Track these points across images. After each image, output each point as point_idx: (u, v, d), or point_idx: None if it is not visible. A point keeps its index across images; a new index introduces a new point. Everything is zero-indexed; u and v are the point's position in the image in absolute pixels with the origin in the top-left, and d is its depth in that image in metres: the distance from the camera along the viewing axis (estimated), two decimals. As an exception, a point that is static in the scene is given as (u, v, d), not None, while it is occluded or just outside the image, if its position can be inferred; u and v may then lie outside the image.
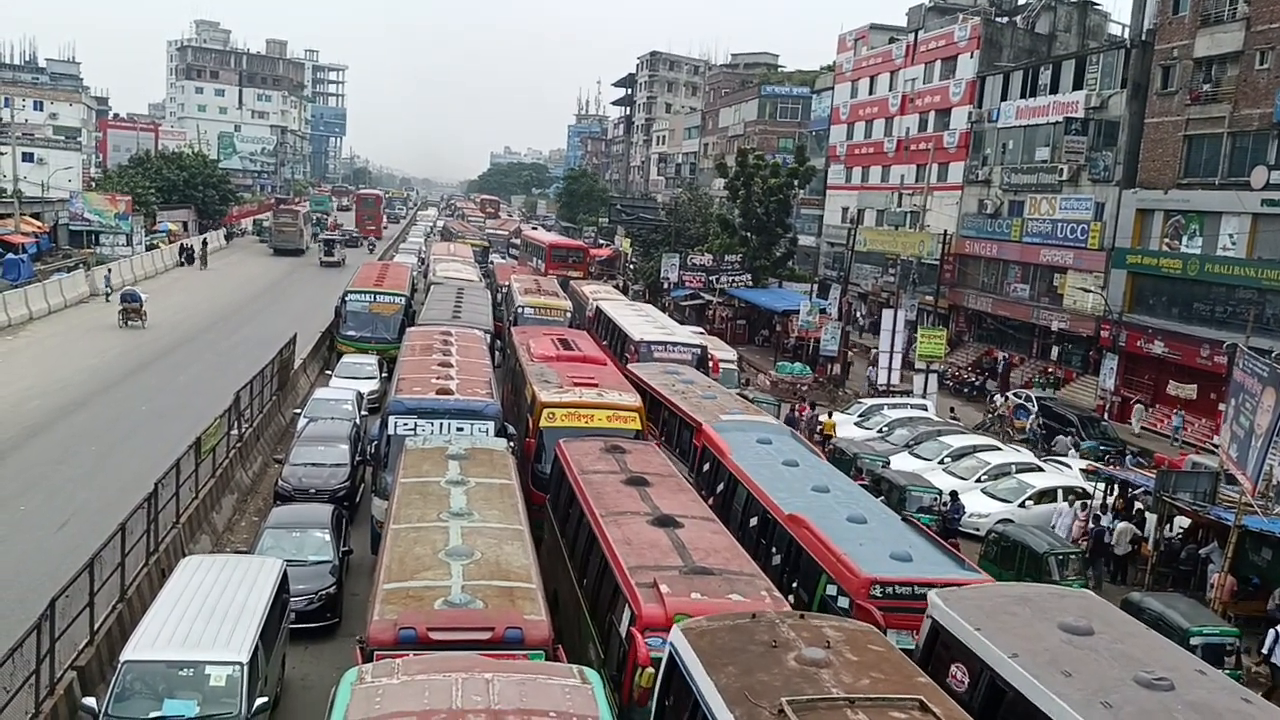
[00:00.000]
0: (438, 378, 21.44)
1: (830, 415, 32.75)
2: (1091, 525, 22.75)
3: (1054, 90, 44.98)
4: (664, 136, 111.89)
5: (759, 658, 9.33)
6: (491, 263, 68.36)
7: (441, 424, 19.23)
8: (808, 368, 41.92)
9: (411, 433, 18.86)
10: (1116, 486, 24.05)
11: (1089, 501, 23.77)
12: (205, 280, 59.42)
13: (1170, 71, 38.33)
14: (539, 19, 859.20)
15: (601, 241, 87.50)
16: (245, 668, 11.64)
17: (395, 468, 16.88)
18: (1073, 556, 19.51)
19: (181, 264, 65.60)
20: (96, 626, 13.48)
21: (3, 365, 33.86)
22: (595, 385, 21.90)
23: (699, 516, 14.74)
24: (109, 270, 52.73)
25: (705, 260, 54.62)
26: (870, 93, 62.65)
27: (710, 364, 32.24)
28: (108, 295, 47.94)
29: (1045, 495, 24.75)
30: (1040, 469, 27.00)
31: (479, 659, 9.61)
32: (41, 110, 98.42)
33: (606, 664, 12.09)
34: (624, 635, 11.52)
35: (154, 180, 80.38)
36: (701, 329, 44.45)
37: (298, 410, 27.92)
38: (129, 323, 41.65)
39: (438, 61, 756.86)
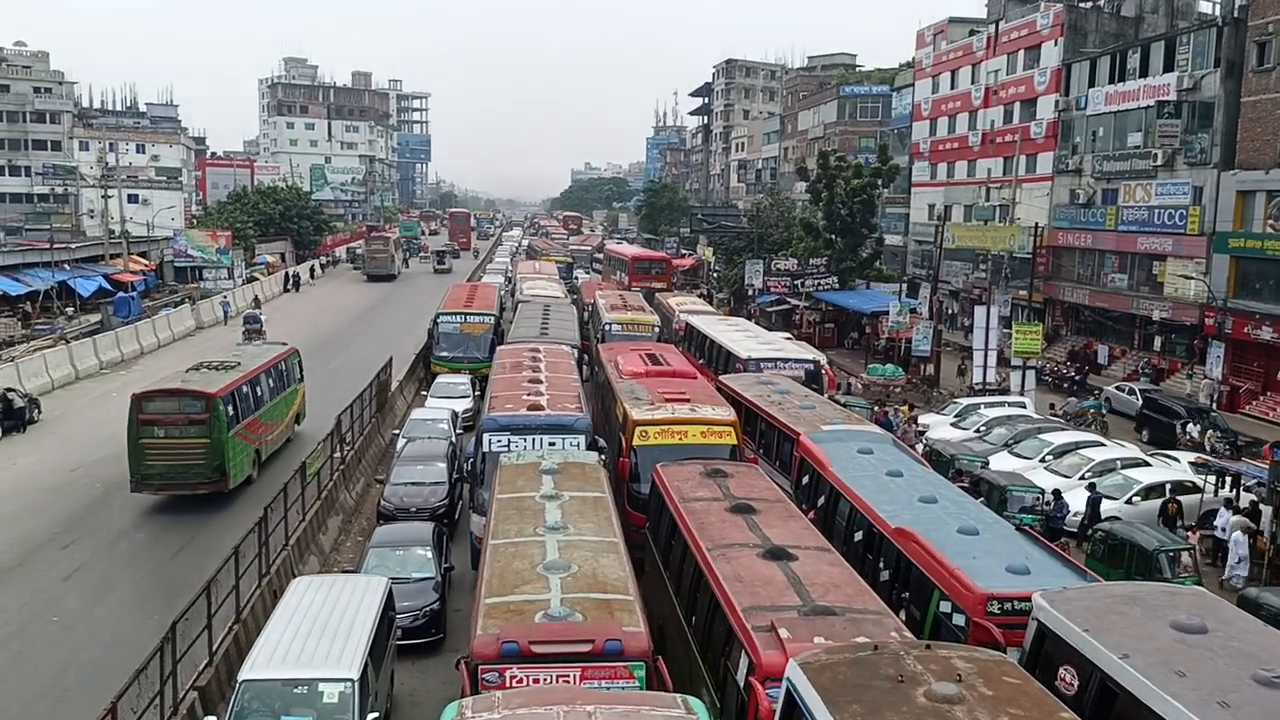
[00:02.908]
0: (528, 394, 21.75)
1: (907, 405, 32.80)
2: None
3: (1144, 74, 43.69)
4: (743, 143, 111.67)
5: (886, 695, 8.66)
6: (576, 278, 69.15)
7: (534, 439, 19.47)
8: (900, 369, 41.33)
9: (505, 449, 19.12)
10: (1228, 479, 23.20)
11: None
12: (305, 307, 61.26)
13: (1266, 48, 36.91)
14: (612, 35, 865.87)
15: (684, 251, 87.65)
16: (356, 684, 11.96)
17: (491, 484, 17.13)
18: (1184, 553, 18.83)
19: (287, 290, 68.80)
20: (215, 647, 14.03)
21: (120, 398, 35.29)
22: (687, 400, 21.50)
23: (814, 547, 13.88)
24: (226, 297, 56.72)
25: (790, 265, 54.25)
26: (952, 87, 61.65)
27: (826, 379, 31.52)
28: (227, 319, 52.20)
29: (1153, 491, 23.95)
30: (1147, 463, 26.14)
31: (581, 690, 9.67)
32: (144, 153, 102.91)
33: (724, 715, 11.43)
34: (742, 685, 10.82)
35: (251, 215, 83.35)
36: (789, 334, 44.15)
37: (396, 431, 28.61)
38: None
39: (515, 83, 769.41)
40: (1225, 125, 39.13)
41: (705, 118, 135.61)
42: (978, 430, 30.53)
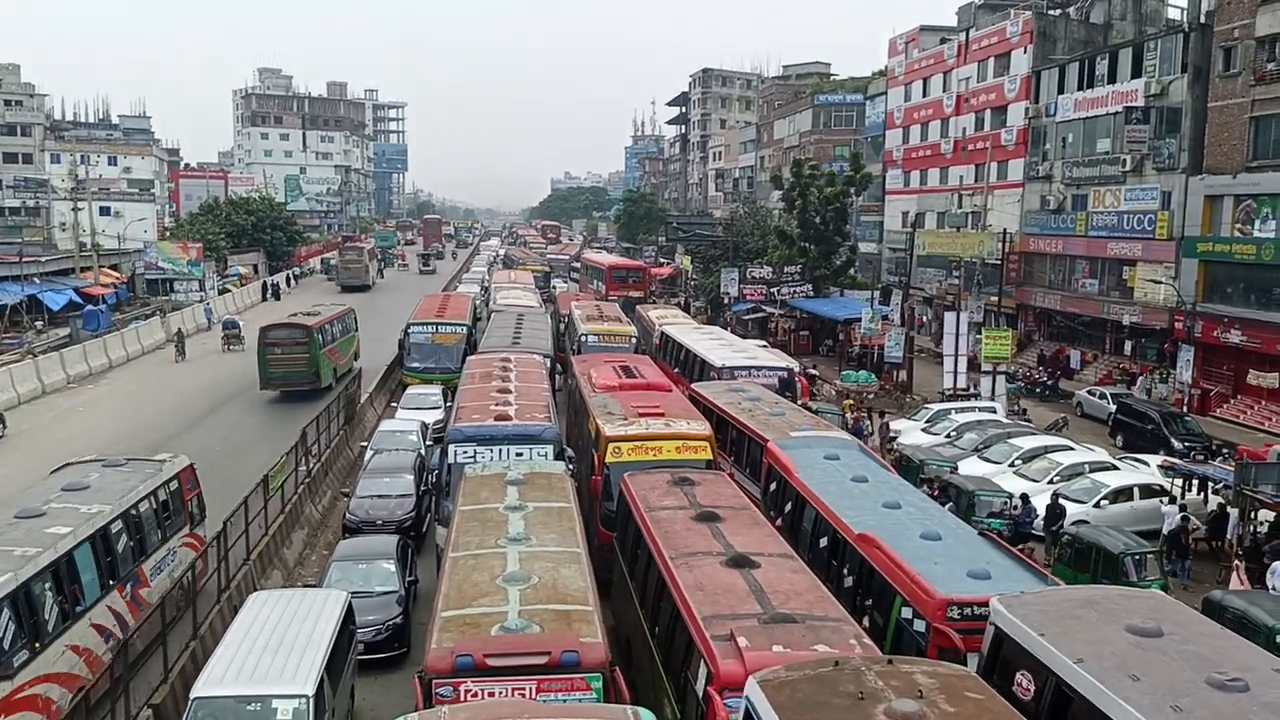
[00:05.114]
0: (496, 404, 21.56)
1: (855, 405, 33.76)
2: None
3: (1112, 80, 44.03)
4: (720, 152, 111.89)
5: (845, 713, 8.58)
6: (554, 288, 68.91)
7: (500, 450, 19.29)
8: (873, 375, 41.41)
9: (471, 460, 18.93)
10: (1195, 482, 23.34)
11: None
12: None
13: (1232, 53, 37.26)
14: (591, 44, 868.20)
15: (662, 260, 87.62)
16: (311, 700, 11.80)
17: (455, 495, 16.97)
18: (1150, 556, 18.90)
19: (265, 299, 69.38)
20: (170, 665, 13.81)
21: (87, 413, 35.02)
22: (662, 414, 21.11)
23: (777, 554, 13.77)
24: (209, 305, 59.02)
25: (765, 273, 54.36)
26: (924, 95, 61.99)
27: (800, 386, 31.45)
28: (210, 324, 54.40)
29: (1121, 494, 24.06)
30: (1115, 467, 26.25)
31: (529, 704, 9.57)
32: (116, 165, 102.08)
33: None
34: (701, 696, 10.75)
35: (223, 226, 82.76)
36: (764, 342, 44.13)
37: (365, 443, 28.38)
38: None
39: (494, 92, 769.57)
40: (1193, 130, 39.45)
41: (682, 127, 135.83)
42: (948, 435, 30.57)
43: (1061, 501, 22.96)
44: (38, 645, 13.21)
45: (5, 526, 14.52)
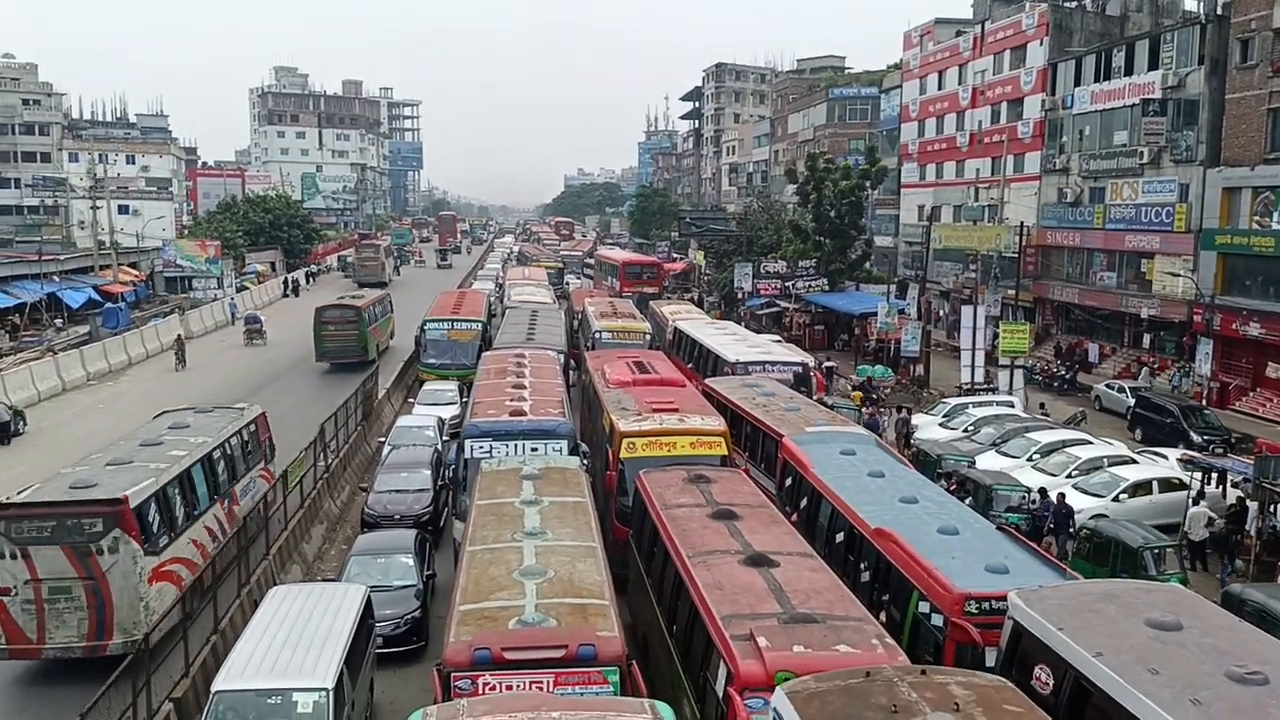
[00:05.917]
0: (511, 400, 21.64)
1: (861, 397, 33.90)
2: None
3: (1129, 72, 43.75)
4: (734, 146, 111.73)
5: None
6: (567, 284, 68.95)
7: (516, 445, 19.33)
8: (889, 370, 41.29)
9: (487, 455, 19.00)
10: (1214, 475, 23.19)
11: None
12: (301, 312, 61.26)
13: (1249, 44, 36.97)
14: (601, 43, 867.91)
15: (676, 256, 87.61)
16: (331, 693, 11.87)
17: (471, 490, 17.05)
18: (1169, 550, 18.79)
19: (286, 295, 70.21)
20: (191, 659, 13.93)
21: (107, 410, 35.24)
22: (676, 410, 21.09)
23: (795, 552, 13.71)
24: (233, 300, 60.77)
25: (779, 267, 54.25)
26: (939, 88, 61.74)
27: (815, 381, 31.40)
28: (233, 319, 55.93)
29: (1140, 488, 23.91)
30: (1134, 461, 26.10)
31: (547, 697, 9.59)
32: (134, 164, 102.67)
33: None
34: (721, 696, 10.71)
35: (241, 224, 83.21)
36: (779, 337, 44.06)
37: (382, 438, 28.50)
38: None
39: (506, 92, 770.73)
40: (1210, 122, 39.19)
41: (696, 121, 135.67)
42: (965, 430, 30.45)
43: (1069, 501, 22.71)
44: (172, 534, 17.00)
45: (134, 450, 18.45)
